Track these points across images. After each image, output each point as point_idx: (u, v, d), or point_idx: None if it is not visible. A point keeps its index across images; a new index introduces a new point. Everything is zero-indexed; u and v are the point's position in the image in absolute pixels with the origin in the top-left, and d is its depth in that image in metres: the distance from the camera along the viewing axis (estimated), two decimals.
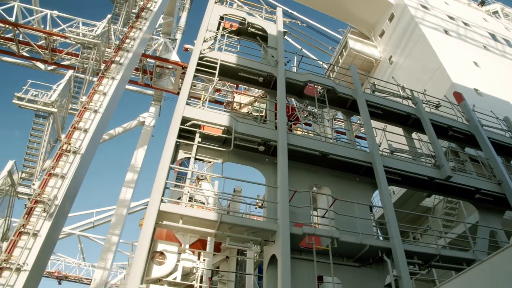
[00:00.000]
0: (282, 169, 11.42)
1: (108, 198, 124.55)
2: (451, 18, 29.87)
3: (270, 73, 14.31)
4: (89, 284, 36.85)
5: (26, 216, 13.63)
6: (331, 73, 30.16)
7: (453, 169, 14.97)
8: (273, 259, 10.43)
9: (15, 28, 24.44)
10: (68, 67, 25.54)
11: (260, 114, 24.36)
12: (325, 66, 30.88)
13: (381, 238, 13.97)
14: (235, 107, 23.89)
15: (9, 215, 17.29)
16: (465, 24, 29.98)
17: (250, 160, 12.38)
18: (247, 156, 12.38)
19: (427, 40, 25.53)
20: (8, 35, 25.04)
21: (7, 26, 24.49)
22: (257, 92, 23.43)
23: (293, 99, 15.84)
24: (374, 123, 15.01)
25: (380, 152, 13.76)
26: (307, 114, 15.74)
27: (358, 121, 25.87)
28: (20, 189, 17.20)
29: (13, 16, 24.55)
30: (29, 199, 14.36)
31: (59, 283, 43.34)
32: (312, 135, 14.55)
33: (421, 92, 18.35)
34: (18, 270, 12.42)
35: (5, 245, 14.25)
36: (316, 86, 15.29)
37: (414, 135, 16.58)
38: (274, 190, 11.39)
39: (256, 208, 17.69)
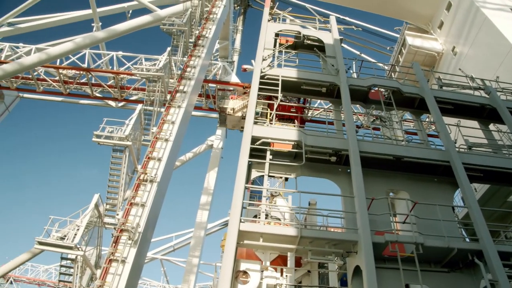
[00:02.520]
0: (357, 178, 11.23)
1: (186, 221, 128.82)
2: None
3: (332, 83, 14.26)
4: None
5: (114, 244, 14.48)
6: (393, 74, 29.28)
7: None
8: (357, 270, 10.21)
9: (88, 73, 26.67)
10: (136, 101, 27.21)
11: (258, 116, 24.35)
12: (386, 67, 30.07)
13: (467, 240, 13.19)
14: (229, 112, 24.10)
15: (99, 244, 18.42)
16: None
17: (323, 172, 12.32)
18: (319, 168, 12.34)
19: (492, 23, 23.94)
20: (83, 80, 27.32)
21: (82, 72, 26.78)
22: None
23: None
24: (446, 119, 14.35)
25: (457, 149, 13.13)
26: (374, 118, 15.42)
27: (428, 119, 24.80)
28: (106, 219, 18.30)
29: (85, 62, 26.67)
30: (115, 228, 15.27)
31: None
32: (383, 139, 14.21)
33: (493, 80, 17.27)
34: None
35: (98, 272, 15.23)
36: (380, 89, 14.97)
37: (491, 126, 15.60)
38: (351, 200, 11.20)
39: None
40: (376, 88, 14.91)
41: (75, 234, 15.97)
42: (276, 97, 13.43)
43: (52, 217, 16.47)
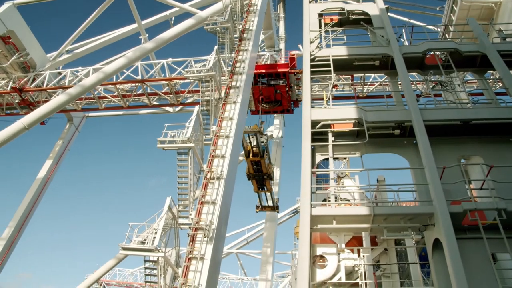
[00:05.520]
0: (424, 148, 10.87)
1: (256, 213, 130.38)
2: None
3: (385, 54, 13.90)
4: None
5: (191, 243, 15.06)
6: (447, 35, 27.72)
7: None
8: (437, 244, 9.91)
9: (143, 84, 27.87)
10: (192, 104, 27.98)
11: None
12: (439, 29, 28.51)
13: None
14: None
15: (177, 244, 19.24)
16: None
17: (388, 146, 12.07)
18: (384, 143, 12.10)
19: None
20: (139, 91, 28.62)
21: (137, 84, 28.04)
22: None
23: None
24: None
25: None
26: (434, 84, 14.80)
27: (492, 76, 23.24)
28: (181, 220, 19.05)
29: (139, 74, 27.84)
30: (190, 227, 15.88)
31: None
32: (446, 105, 13.59)
33: None
34: None
35: (180, 270, 15.95)
36: (436, 53, 14.33)
37: None
38: (421, 172, 10.86)
39: None
40: (432, 53, 14.31)
41: (154, 237, 16.77)
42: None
43: (131, 224, 17.44)
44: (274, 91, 26.82)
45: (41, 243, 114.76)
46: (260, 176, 23.05)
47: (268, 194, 24.64)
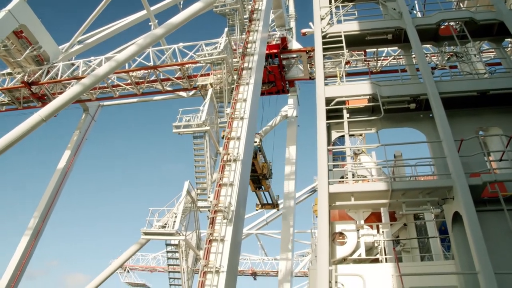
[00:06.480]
0: (441, 121, 10.71)
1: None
2: None
3: (397, 27, 13.60)
4: (277, 276, 39.60)
5: (211, 225, 15.33)
6: (461, 4, 26.98)
7: None
8: (456, 217, 9.83)
9: (155, 70, 28.02)
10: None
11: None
12: None
13: None
14: (208, 87, 23.46)
15: (197, 227, 19.56)
16: None
17: (403, 121, 11.93)
18: (399, 118, 11.95)
19: None
20: (152, 78, 28.79)
21: (150, 70, 28.21)
22: None
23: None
24: None
25: None
26: (449, 56, 14.52)
27: (510, 45, 22.63)
28: (200, 203, 19.31)
29: (150, 60, 27.95)
30: (209, 210, 16.11)
31: (255, 278, 47.86)
32: (462, 76, 13.34)
33: None
34: (217, 272, 14.09)
35: (201, 253, 16.26)
36: (450, 23, 13.99)
37: None
38: (439, 145, 10.73)
39: None
40: (446, 23, 13.94)
41: (174, 221, 17.05)
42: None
43: (151, 209, 17.75)
44: (266, 73, 26.65)
45: (65, 231, 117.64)
46: (255, 176, 23.36)
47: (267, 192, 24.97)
